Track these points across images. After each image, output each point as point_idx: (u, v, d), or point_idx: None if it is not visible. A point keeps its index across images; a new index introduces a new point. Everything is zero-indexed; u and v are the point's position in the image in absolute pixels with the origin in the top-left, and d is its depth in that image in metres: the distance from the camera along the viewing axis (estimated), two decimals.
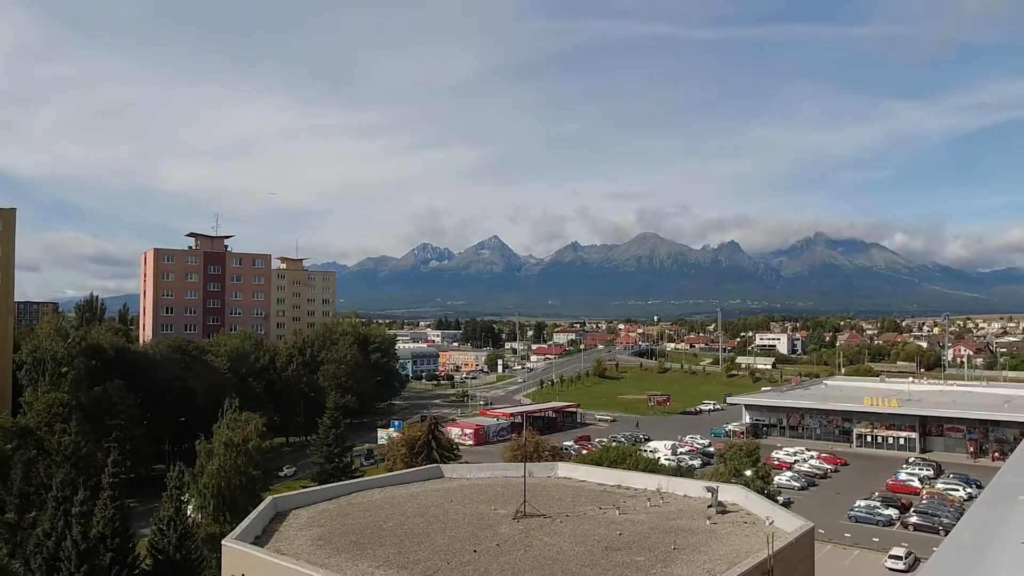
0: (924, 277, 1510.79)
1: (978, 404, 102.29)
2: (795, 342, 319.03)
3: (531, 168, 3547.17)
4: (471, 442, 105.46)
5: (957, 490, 73.64)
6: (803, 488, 77.47)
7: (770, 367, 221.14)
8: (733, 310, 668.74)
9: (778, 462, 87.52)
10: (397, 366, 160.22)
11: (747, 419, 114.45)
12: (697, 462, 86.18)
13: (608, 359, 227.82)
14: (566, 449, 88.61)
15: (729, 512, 38.53)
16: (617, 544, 32.99)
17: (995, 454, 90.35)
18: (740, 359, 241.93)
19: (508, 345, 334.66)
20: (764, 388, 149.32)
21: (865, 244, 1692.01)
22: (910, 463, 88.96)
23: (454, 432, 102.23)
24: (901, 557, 52.26)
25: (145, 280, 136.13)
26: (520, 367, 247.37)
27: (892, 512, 66.19)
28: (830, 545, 57.16)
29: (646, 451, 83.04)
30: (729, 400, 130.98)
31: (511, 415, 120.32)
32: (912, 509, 67.05)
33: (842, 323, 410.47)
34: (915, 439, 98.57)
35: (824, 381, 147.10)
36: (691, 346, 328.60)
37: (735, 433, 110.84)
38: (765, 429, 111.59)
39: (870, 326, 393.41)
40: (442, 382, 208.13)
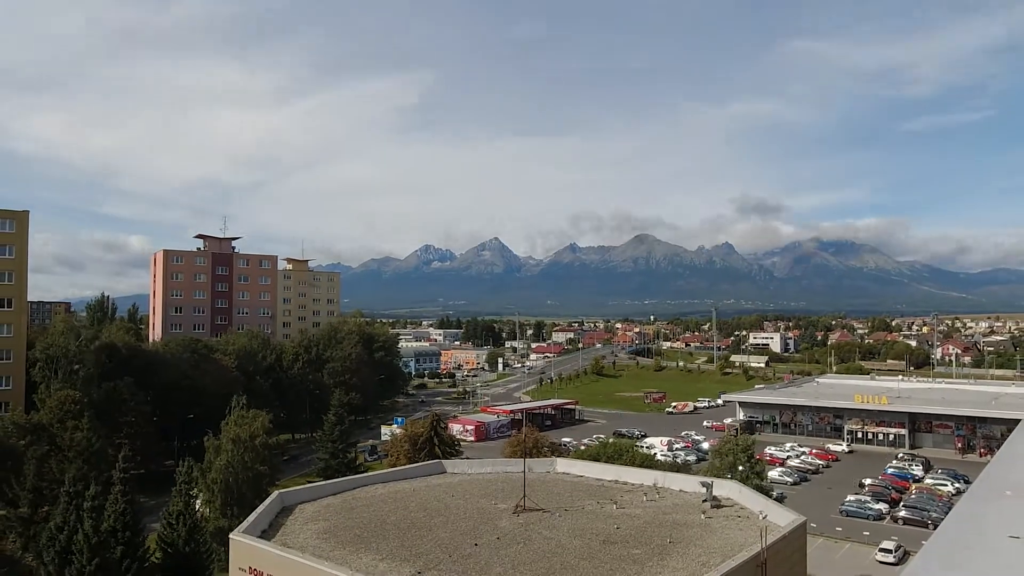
0: (913, 278, 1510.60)
1: (966, 401, 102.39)
2: (788, 341, 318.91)
3: (532, 172, 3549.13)
4: (472, 438, 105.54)
5: (946, 485, 73.69)
6: (795, 483, 77.47)
7: (763, 365, 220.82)
8: (727, 310, 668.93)
9: (771, 457, 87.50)
10: (400, 364, 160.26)
11: (741, 416, 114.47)
12: (692, 458, 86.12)
13: (612, 356, 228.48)
14: (564, 445, 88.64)
15: (723, 507, 38.57)
16: (614, 538, 33.01)
17: (982, 450, 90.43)
18: (734, 357, 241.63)
19: (508, 344, 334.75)
20: (758, 386, 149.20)
21: (856, 245, 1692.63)
22: (899, 459, 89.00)
23: (456, 429, 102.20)
24: (891, 550, 52.34)
25: (155, 280, 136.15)
26: (520, 365, 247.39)
27: (882, 506, 66.25)
28: (822, 539, 57.21)
29: (642, 447, 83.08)
30: (723, 397, 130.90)
31: (511, 412, 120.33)
32: (902, 504, 67.14)
33: (833, 323, 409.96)
34: (904, 435, 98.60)
35: (816, 379, 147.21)
36: (686, 345, 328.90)
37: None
38: (759, 426, 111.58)
39: (861, 325, 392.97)
40: (444, 380, 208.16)
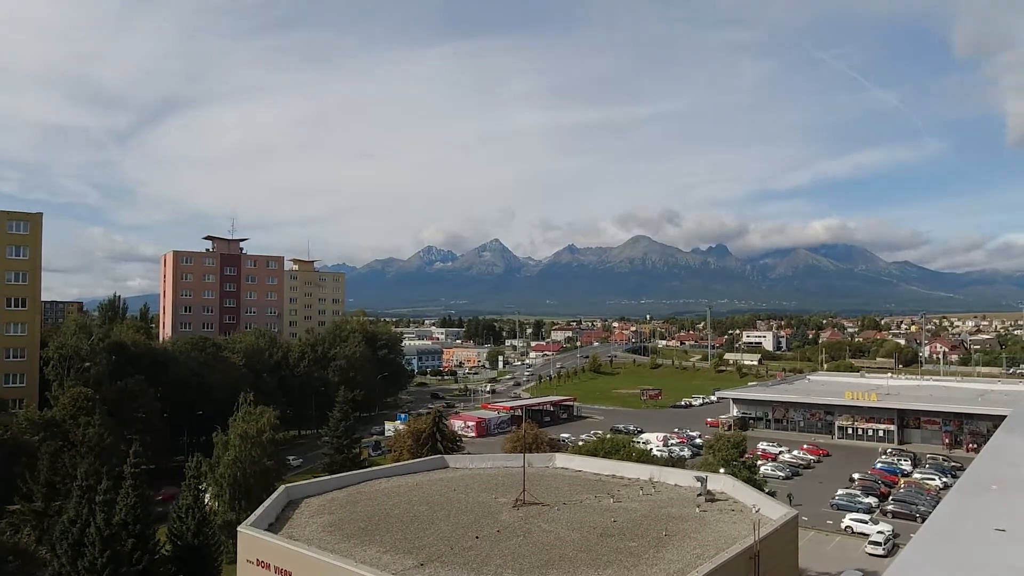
0: (903, 279, 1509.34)
1: (953, 398, 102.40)
2: (780, 340, 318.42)
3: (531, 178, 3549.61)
4: (473, 434, 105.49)
5: (933, 479, 73.70)
6: (787, 478, 77.37)
7: (756, 363, 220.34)
8: (721, 309, 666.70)
9: (763, 452, 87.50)
10: (403, 362, 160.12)
11: (735, 412, 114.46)
12: (687, 453, 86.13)
13: (609, 354, 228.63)
14: (563, 440, 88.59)
15: (717, 500, 38.63)
16: (611, 530, 33.05)
17: (969, 445, 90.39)
18: (728, 355, 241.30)
19: (508, 342, 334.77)
20: (751, 383, 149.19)
21: (847, 247, 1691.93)
22: (888, 454, 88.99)
23: (457, 424, 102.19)
24: (880, 543, 52.35)
25: (165, 281, 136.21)
26: (520, 363, 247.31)
27: (872, 500, 66.21)
28: (813, 531, 57.22)
29: (639, 443, 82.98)
30: (718, 394, 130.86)
31: (511, 408, 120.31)
32: (891, 497, 67.11)
33: (825, 322, 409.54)
34: (894, 431, 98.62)
35: (807, 376, 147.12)
36: (682, 343, 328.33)
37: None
38: (752, 422, 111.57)
39: (851, 324, 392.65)
40: (446, 377, 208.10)
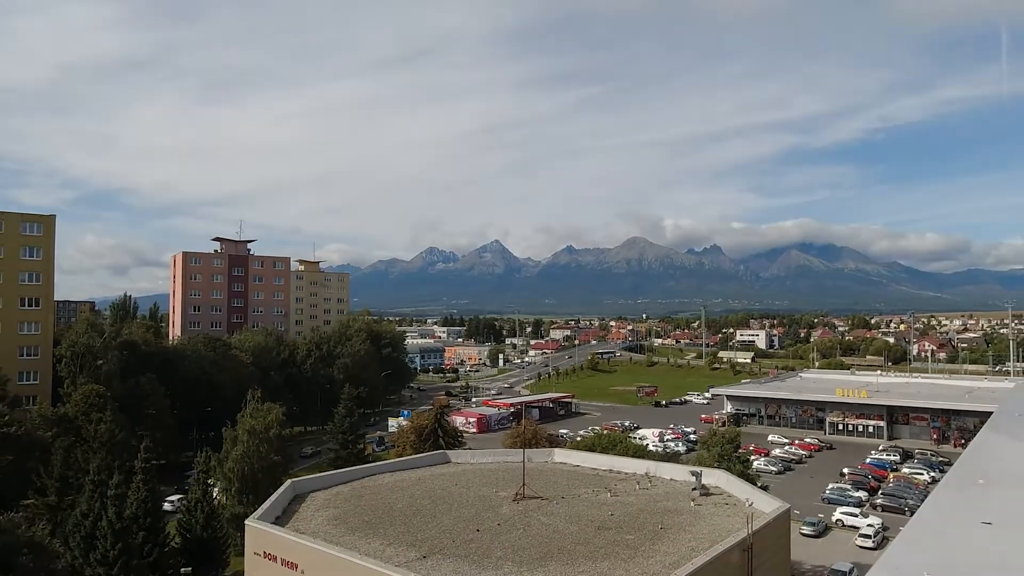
0: (892, 279, 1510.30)
1: (941, 395, 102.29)
2: (773, 338, 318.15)
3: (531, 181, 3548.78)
4: (474, 430, 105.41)
5: (922, 474, 73.70)
6: (780, 472, 77.36)
7: (750, 361, 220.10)
8: (716, 309, 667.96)
9: (755, 447, 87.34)
10: (406, 360, 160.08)
11: (729, 409, 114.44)
12: (682, 448, 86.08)
13: (606, 352, 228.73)
14: (562, 436, 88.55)
15: (712, 494, 38.66)
16: (609, 524, 33.09)
17: (957, 441, 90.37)
18: (722, 353, 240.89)
19: (509, 341, 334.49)
20: (744, 380, 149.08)
21: (837, 248, 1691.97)
22: (879, 450, 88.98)
23: (459, 421, 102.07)
24: (870, 536, 52.36)
25: (175, 281, 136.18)
26: (519, 361, 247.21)
27: (862, 494, 66.20)
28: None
29: (635, 438, 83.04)
30: (712, 391, 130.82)
31: (511, 405, 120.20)
32: (880, 491, 67.07)
33: (816, 321, 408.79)
34: (883, 427, 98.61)
35: (799, 374, 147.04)
36: (677, 342, 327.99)
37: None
38: (745, 418, 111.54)
39: (842, 323, 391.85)
40: (448, 375, 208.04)
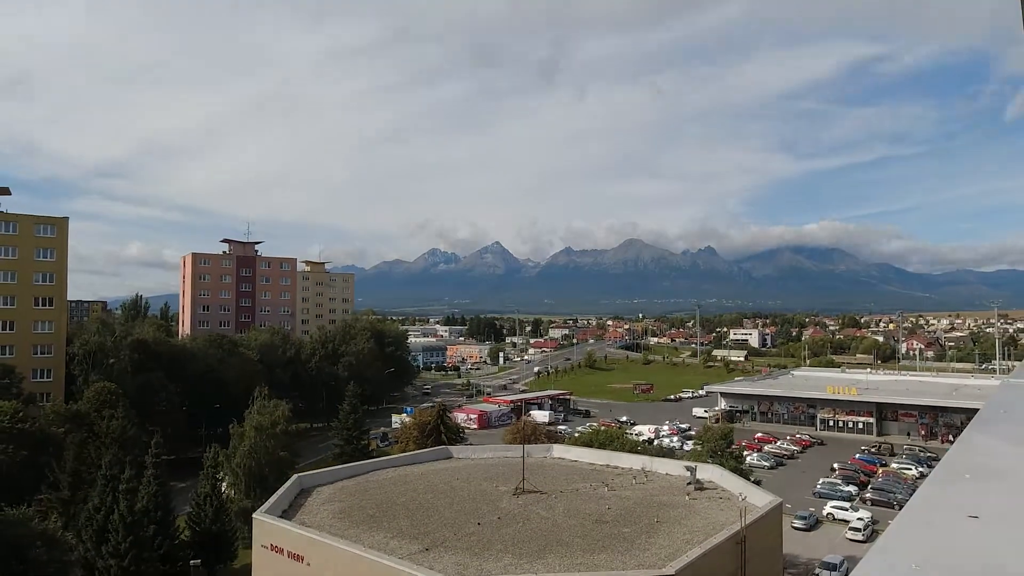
0: (881, 279, 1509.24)
1: (929, 392, 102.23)
2: (765, 337, 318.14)
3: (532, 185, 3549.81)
4: (475, 426, 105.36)
5: (910, 469, 73.70)
6: (772, 467, 77.30)
7: (743, 359, 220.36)
8: (710, 308, 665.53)
9: (747, 443, 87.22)
10: (409, 358, 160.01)
11: (723, 405, 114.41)
12: (677, 444, 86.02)
13: (604, 350, 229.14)
14: (561, 432, 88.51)
15: (706, 489, 38.65)
16: (606, 517, 33.09)
17: (944, 437, 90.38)
18: (716, 352, 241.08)
19: (509, 339, 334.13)
20: (737, 378, 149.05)
21: (828, 250, 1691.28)
22: (870, 446, 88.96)
23: (460, 417, 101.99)
24: (860, 529, 52.34)
25: (184, 281, 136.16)
26: (519, 359, 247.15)
27: (852, 488, 66.19)
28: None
29: (632, 434, 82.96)
30: (706, 389, 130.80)
31: (511, 402, 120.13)
32: (870, 486, 67.06)
33: (807, 320, 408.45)
34: (872, 423, 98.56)
35: (791, 372, 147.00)
36: (672, 340, 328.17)
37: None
38: (739, 415, 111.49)
39: (832, 323, 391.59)
40: (449, 372, 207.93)
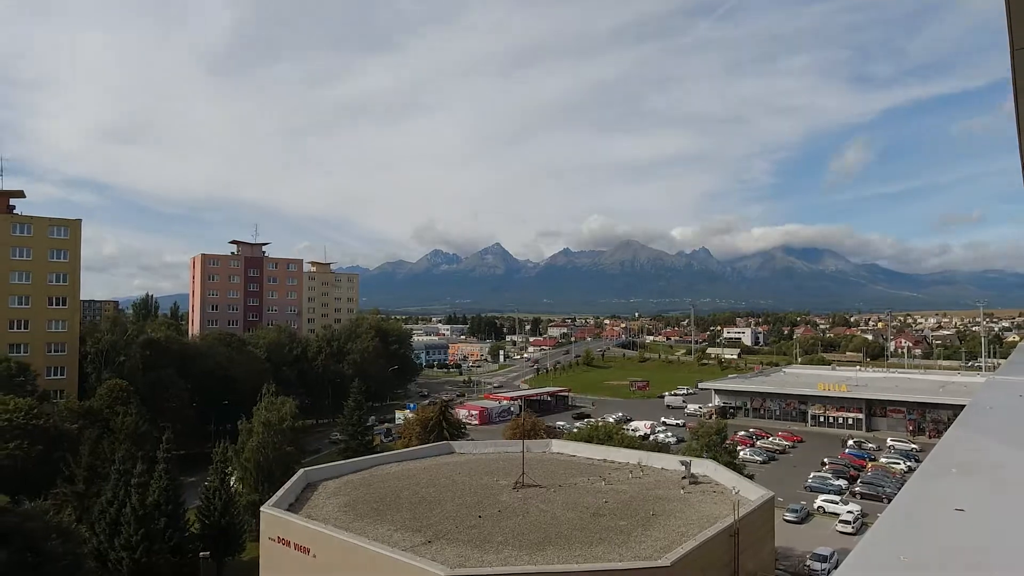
0: (870, 279, 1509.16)
1: (916, 389, 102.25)
2: (758, 335, 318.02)
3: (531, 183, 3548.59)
4: (476, 422, 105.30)
5: (898, 463, 73.69)
6: (764, 462, 77.28)
7: (736, 357, 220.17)
8: (704, 308, 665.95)
9: (740, 438, 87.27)
10: (412, 356, 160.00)
11: (716, 402, 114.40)
12: (672, 439, 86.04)
13: (601, 349, 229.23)
14: (559, 428, 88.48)
15: (700, 483, 38.68)
16: (603, 510, 33.12)
17: (931, 432, 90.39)
18: (710, 350, 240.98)
19: (509, 338, 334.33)
20: (731, 375, 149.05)
21: (819, 251, 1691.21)
22: (854, 441, 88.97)
23: (461, 413, 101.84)
24: (850, 521, 52.37)
25: (193, 281, 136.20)
26: (519, 357, 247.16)
27: (842, 482, 66.20)
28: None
29: (628, 430, 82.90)
30: (701, 385, 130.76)
31: (511, 398, 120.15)
32: (859, 480, 67.08)
33: (798, 319, 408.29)
34: (862, 419, 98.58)
35: (783, 369, 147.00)
36: (667, 339, 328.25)
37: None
38: (732, 411, 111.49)
39: (823, 321, 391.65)
40: (451, 370, 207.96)
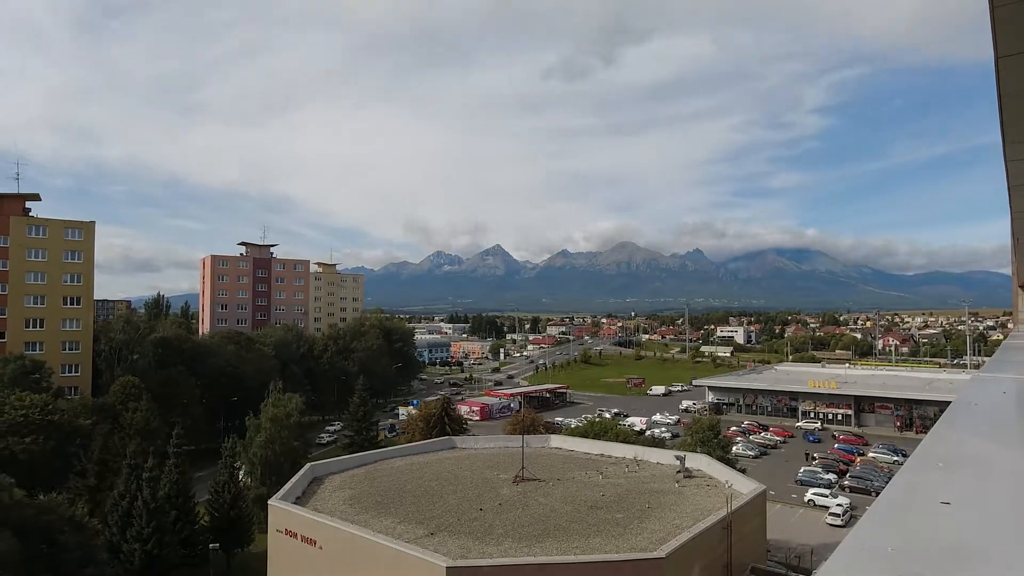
0: (859, 279, 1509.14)
1: (904, 386, 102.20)
2: (750, 334, 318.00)
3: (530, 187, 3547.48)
4: (478, 418, 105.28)
5: (887, 458, 73.70)
6: (756, 457, 77.28)
7: (729, 355, 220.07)
8: (698, 307, 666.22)
9: (732, 432, 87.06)
10: (415, 354, 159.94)
11: (710, 398, 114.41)
12: (668, 434, 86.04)
13: (598, 347, 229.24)
14: (558, 423, 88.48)
15: (694, 477, 38.71)
16: (600, 503, 33.15)
17: (918, 428, 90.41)
18: (704, 348, 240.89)
19: (509, 336, 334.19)
20: (724, 373, 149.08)
21: (810, 252, 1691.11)
22: (841, 437, 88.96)
23: (463, 409, 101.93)
24: (839, 515, 52.36)
25: (203, 282, 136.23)
26: (519, 355, 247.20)
27: (832, 476, 66.17)
28: (780, 505, 57.15)
29: (624, 425, 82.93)
30: (695, 382, 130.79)
31: (511, 395, 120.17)
32: (848, 474, 67.07)
33: (790, 318, 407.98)
34: (851, 415, 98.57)
35: (775, 367, 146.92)
36: (663, 337, 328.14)
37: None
38: (725, 407, 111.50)
39: (813, 320, 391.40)
40: (453, 367, 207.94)
